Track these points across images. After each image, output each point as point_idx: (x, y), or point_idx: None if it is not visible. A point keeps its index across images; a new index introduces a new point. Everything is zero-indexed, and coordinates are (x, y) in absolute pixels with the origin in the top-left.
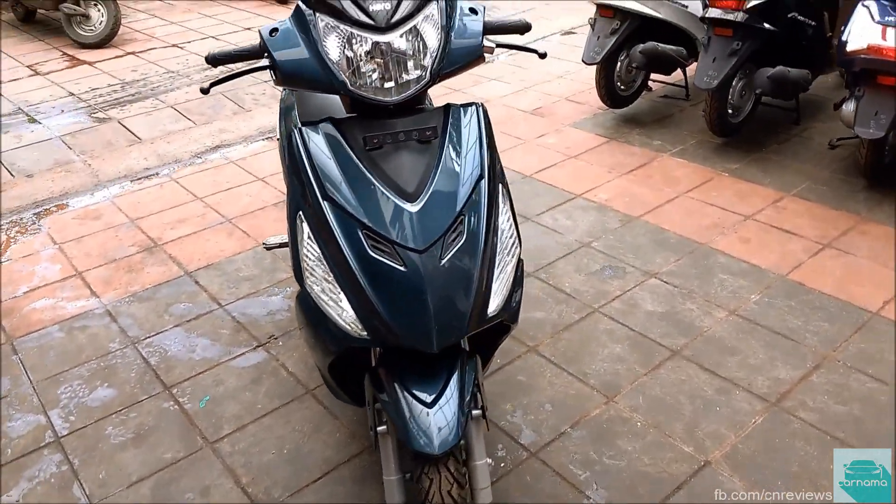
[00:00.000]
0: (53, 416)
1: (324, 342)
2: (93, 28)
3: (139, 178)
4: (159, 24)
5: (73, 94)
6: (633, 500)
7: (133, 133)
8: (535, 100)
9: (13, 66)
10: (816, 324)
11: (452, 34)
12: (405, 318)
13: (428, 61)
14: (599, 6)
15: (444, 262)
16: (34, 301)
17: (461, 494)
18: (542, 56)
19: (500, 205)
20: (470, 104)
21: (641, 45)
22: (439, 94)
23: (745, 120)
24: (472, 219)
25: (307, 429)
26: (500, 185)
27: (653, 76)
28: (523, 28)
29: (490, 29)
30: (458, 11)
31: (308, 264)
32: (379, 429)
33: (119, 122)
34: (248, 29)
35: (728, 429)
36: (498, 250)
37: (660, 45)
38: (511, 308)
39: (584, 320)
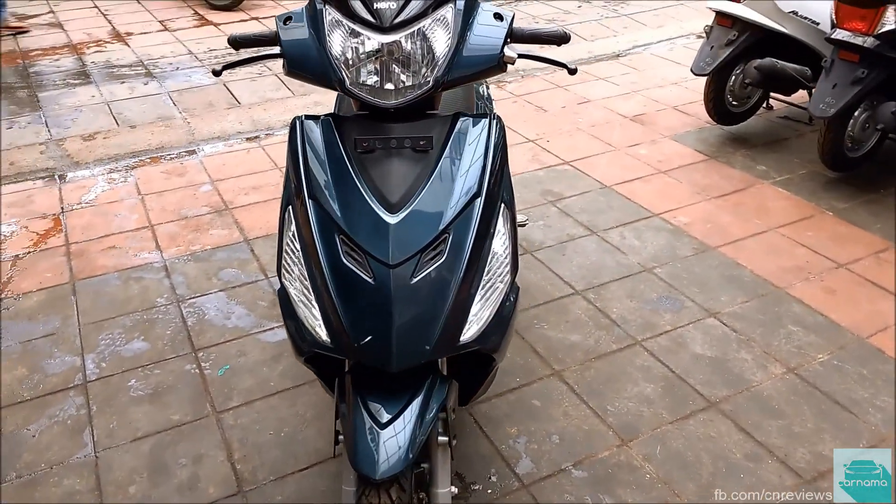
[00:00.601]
0: (88, 361)
1: (294, 340)
2: None
3: (230, 141)
4: None
5: (191, 53)
6: None
7: (235, 97)
8: (638, 105)
9: (148, 19)
10: (885, 399)
11: (468, 39)
12: (367, 332)
13: (433, 66)
14: (718, 14)
15: (415, 279)
16: (104, 247)
17: None
18: (572, 72)
19: (499, 227)
20: (483, 115)
21: (759, 60)
22: (541, 89)
23: (866, 155)
24: (457, 238)
25: (309, 415)
26: (503, 206)
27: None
28: (560, 39)
29: (520, 37)
30: (480, 17)
31: (287, 261)
32: (340, 437)
33: (224, 85)
34: None
35: (746, 500)
36: (485, 275)
37: (779, 62)
38: (492, 338)
39: (621, 352)
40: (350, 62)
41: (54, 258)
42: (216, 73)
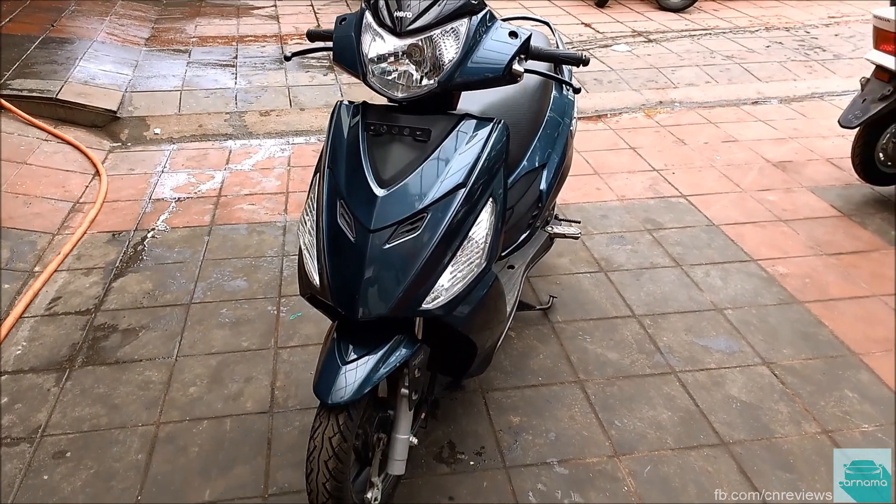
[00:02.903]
0: (198, 288)
1: (300, 281)
2: None
3: None
4: None
5: None
6: None
7: None
8: (788, 152)
9: None
10: None
11: (477, 51)
12: (341, 282)
13: (438, 70)
14: (878, 67)
15: (388, 245)
16: (245, 202)
17: (341, 446)
18: (577, 91)
19: (481, 217)
20: (490, 120)
21: None
22: (690, 122)
23: None
24: (435, 218)
25: None
26: (490, 201)
27: None
28: (577, 61)
29: (537, 55)
30: (495, 33)
31: (304, 216)
32: None
33: None
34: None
35: (746, 500)
36: (458, 255)
37: None
38: (458, 313)
39: (652, 377)
40: (372, 59)
41: (205, 205)
42: (287, 59)
